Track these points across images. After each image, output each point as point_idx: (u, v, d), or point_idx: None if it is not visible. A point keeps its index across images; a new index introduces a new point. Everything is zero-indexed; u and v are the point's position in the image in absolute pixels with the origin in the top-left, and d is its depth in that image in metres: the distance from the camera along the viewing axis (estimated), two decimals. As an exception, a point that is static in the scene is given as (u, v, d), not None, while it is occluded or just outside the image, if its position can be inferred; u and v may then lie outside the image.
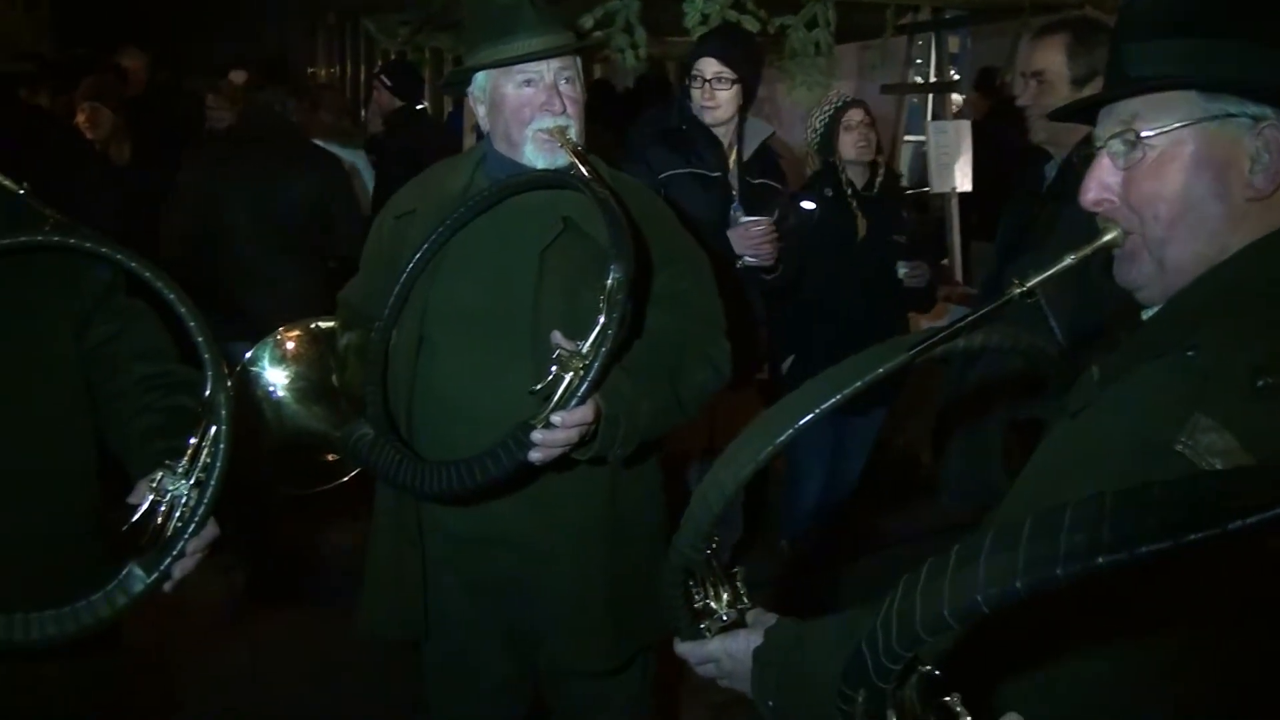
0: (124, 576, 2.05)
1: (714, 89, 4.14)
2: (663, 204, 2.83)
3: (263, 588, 5.10)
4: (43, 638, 1.99)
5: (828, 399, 1.47)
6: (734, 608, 1.78)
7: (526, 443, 2.24)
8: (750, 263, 4.08)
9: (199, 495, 2.09)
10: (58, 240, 2.15)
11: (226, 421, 2.10)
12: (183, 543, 2.07)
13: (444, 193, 2.70)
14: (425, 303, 2.60)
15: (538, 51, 2.54)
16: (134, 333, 2.43)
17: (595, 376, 2.24)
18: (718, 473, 1.55)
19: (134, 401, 2.36)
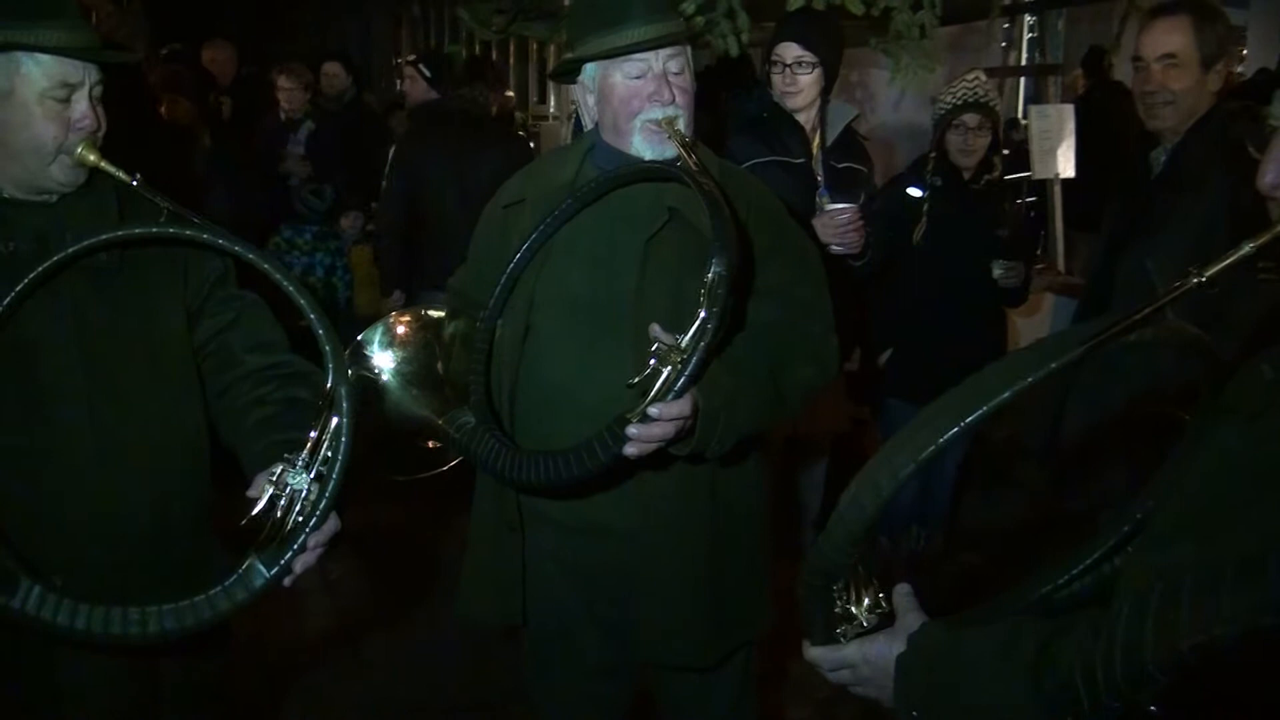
0: (244, 570, 2.05)
1: (795, 74, 4.07)
2: (773, 196, 2.78)
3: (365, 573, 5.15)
4: (160, 631, 1.99)
5: (994, 395, 1.39)
6: (874, 613, 1.71)
7: (622, 437, 2.20)
8: (836, 251, 3.99)
9: (320, 489, 2.08)
10: (174, 232, 2.16)
11: (349, 414, 2.09)
12: (304, 537, 2.06)
13: (552, 182, 2.68)
14: (531, 292, 2.59)
15: (647, 41, 2.50)
16: (246, 324, 2.44)
17: (693, 371, 2.19)
18: (874, 474, 1.48)
19: (248, 394, 2.37)
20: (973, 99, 4.64)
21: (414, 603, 4.86)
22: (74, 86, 2.16)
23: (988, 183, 4.79)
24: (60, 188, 2.22)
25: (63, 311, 2.19)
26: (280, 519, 2.07)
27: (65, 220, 2.22)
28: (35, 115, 2.13)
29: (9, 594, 1.90)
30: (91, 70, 2.19)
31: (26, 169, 2.18)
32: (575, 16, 2.71)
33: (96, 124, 2.19)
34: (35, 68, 2.11)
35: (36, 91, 2.12)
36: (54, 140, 2.14)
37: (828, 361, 2.66)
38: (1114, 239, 3.53)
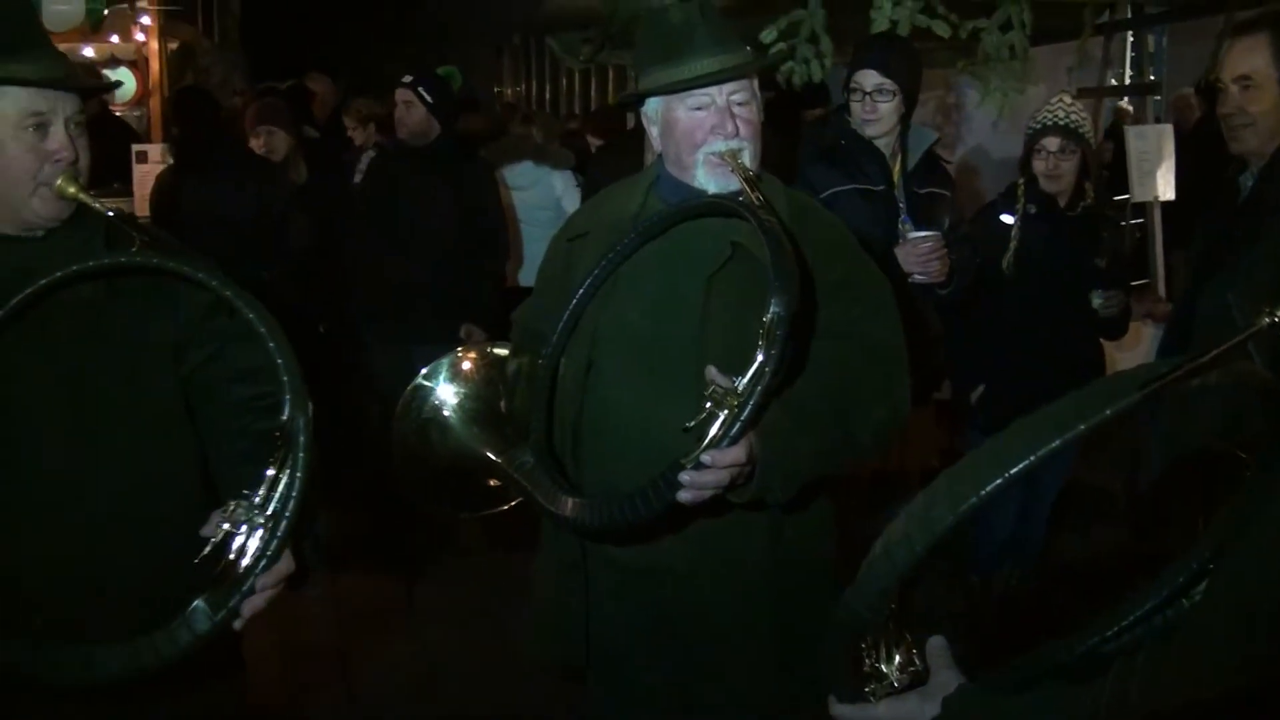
0: (189, 613, 1.96)
1: (875, 101, 4.00)
2: (844, 229, 2.71)
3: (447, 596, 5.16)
4: (104, 675, 1.92)
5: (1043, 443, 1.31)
6: (905, 672, 1.62)
7: (675, 484, 2.15)
8: (920, 279, 3.90)
9: (272, 528, 1.98)
10: (140, 261, 2.12)
11: (305, 449, 1.99)
12: (252, 579, 1.98)
13: (616, 216, 2.65)
14: (594, 328, 2.56)
15: (709, 75, 2.46)
16: (233, 354, 2.38)
17: (749, 416, 2.12)
18: (908, 527, 1.40)
19: (230, 425, 2.32)
20: (1052, 122, 4.52)
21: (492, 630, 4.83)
22: (46, 117, 2.14)
23: (1084, 209, 4.65)
24: (44, 222, 2.19)
25: (44, 344, 2.16)
26: (234, 559, 1.98)
27: (50, 254, 2.16)
28: (9, 148, 2.11)
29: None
30: (66, 101, 2.17)
31: (6, 203, 2.16)
32: (640, 49, 2.67)
33: (75, 155, 2.17)
34: (5, 101, 2.10)
35: (9, 124, 2.11)
36: (29, 173, 2.12)
37: (899, 402, 2.57)
38: (1200, 267, 3.41)
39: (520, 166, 7.05)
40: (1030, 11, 5.59)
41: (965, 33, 5.47)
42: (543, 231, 7.08)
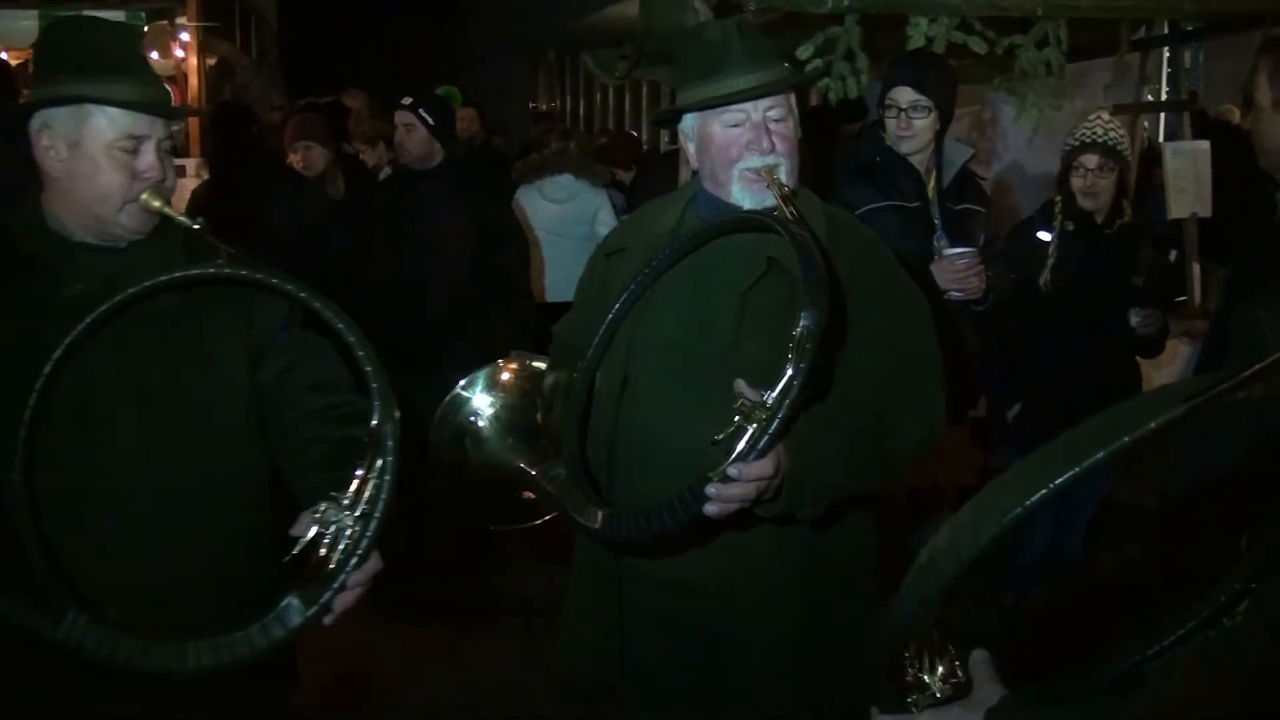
0: (282, 609, 2.05)
1: (910, 118, 4.00)
2: (881, 245, 2.71)
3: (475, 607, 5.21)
4: (197, 668, 2.00)
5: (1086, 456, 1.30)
6: (948, 683, 1.62)
7: (701, 496, 2.15)
8: (956, 297, 3.89)
9: (362, 528, 2.07)
10: (229, 273, 2.21)
11: (393, 453, 2.08)
12: (344, 576, 2.05)
13: (653, 231, 2.67)
14: (629, 342, 2.57)
15: (745, 91, 2.47)
16: (308, 365, 2.47)
17: (777, 429, 2.11)
18: (953, 537, 1.40)
19: (307, 433, 2.40)
20: (1091, 139, 4.50)
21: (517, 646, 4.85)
22: (141, 139, 2.25)
23: (1120, 227, 4.64)
24: (129, 234, 2.30)
25: (124, 351, 2.24)
26: (323, 557, 2.07)
27: (133, 264, 2.27)
28: (103, 165, 2.23)
29: (55, 623, 1.94)
30: (159, 124, 2.28)
31: (96, 216, 2.27)
32: (678, 66, 2.68)
33: (163, 175, 2.28)
34: (103, 120, 2.22)
35: (104, 143, 2.22)
36: (120, 189, 2.23)
37: (934, 418, 2.56)
38: (1234, 285, 3.40)
39: (560, 180, 7.07)
40: (1066, 28, 5.57)
41: (1001, 49, 5.45)
42: (579, 245, 7.07)
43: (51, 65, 2.24)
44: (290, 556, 2.09)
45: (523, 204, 7.10)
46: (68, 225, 2.30)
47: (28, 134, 2.26)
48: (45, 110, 2.24)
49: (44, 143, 2.25)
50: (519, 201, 7.13)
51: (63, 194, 2.27)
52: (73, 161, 2.23)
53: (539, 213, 7.08)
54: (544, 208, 7.08)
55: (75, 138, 2.22)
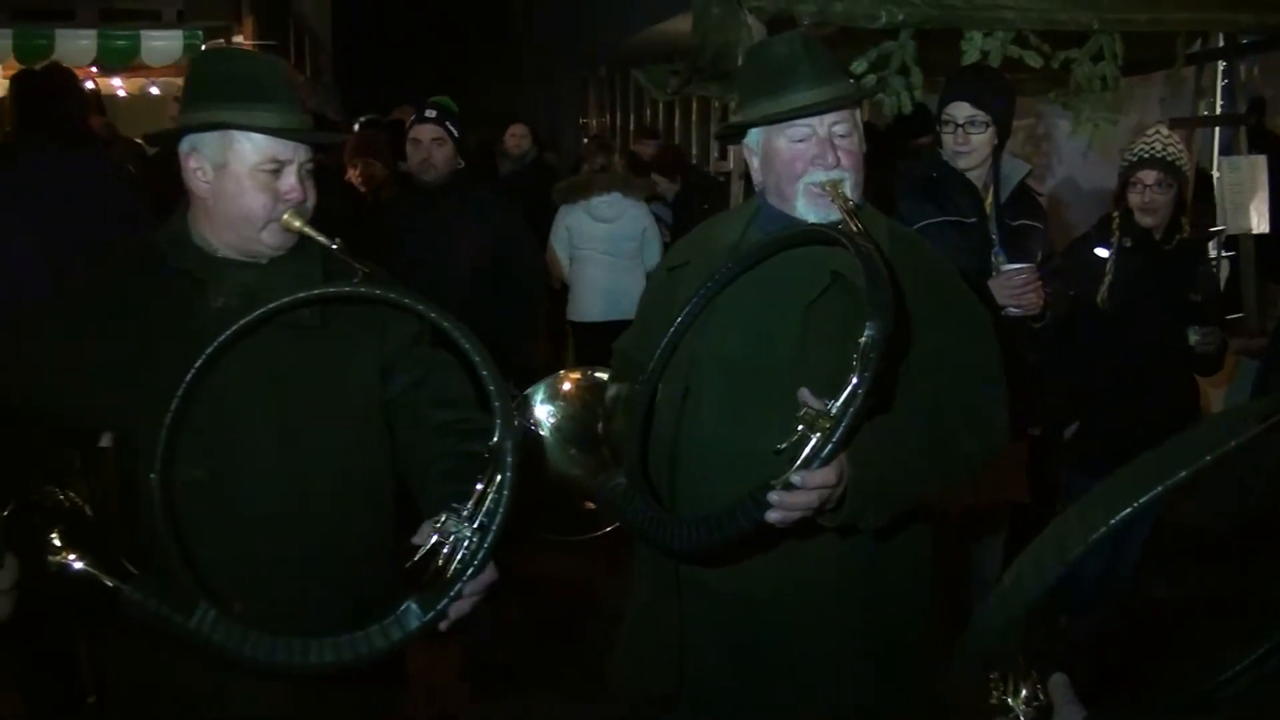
0: (401, 612, 2.13)
1: (967, 133, 3.98)
2: (944, 261, 2.72)
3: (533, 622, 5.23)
4: (319, 664, 2.08)
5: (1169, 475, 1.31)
6: (1031, 705, 1.62)
7: (764, 504, 2.17)
8: (1014, 313, 3.88)
9: (480, 539, 2.14)
10: (364, 291, 2.32)
11: (511, 469, 2.15)
12: (461, 584, 2.12)
13: (716, 246, 2.68)
14: (692, 355, 2.59)
15: (811, 106, 2.50)
16: (436, 381, 2.56)
17: (840, 438, 2.13)
18: (1038, 555, 1.40)
19: (432, 447, 2.48)
20: (1149, 155, 4.47)
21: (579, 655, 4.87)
22: (284, 163, 2.35)
23: (1179, 243, 4.59)
24: (270, 251, 2.41)
25: (263, 361, 2.34)
26: (441, 566, 2.15)
27: (273, 280, 2.39)
28: (247, 187, 2.34)
29: (186, 615, 2.04)
30: (301, 148, 2.38)
31: (239, 234, 2.38)
32: (743, 81, 2.71)
33: (303, 196, 2.39)
34: (248, 145, 2.33)
35: (249, 167, 2.33)
36: (264, 210, 2.35)
37: (996, 433, 2.57)
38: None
39: (608, 198, 7.10)
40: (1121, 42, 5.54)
41: (1056, 63, 5.43)
42: (629, 263, 7.10)
43: (200, 92, 2.36)
44: (411, 564, 2.17)
45: (568, 223, 7.15)
46: (212, 242, 2.41)
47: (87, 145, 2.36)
48: (194, 135, 2.35)
49: (192, 165, 2.36)
50: (563, 221, 7.18)
51: (208, 213, 2.39)
52: (219, 183, 2.35)
53: (585, 232, 7.12)
54: (591, 226, 7.11)
55: (221, 161, 2.33)
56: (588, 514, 2.90)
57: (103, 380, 2.32)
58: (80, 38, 8.77)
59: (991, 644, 1.50)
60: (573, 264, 7.24)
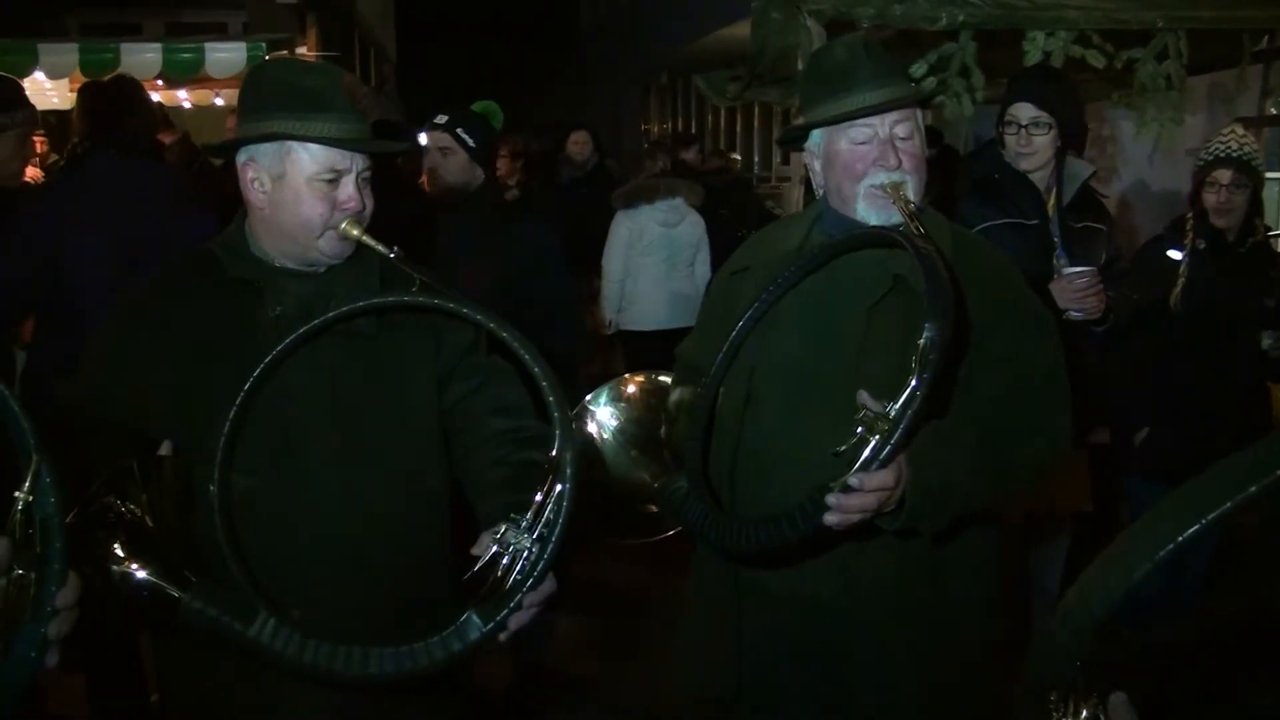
0: (462, 623, 2.11)
1: (1030, 135, 3.95)
2: (1008, 262, 2.69)
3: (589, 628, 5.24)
4: (379, 674, 2.07)
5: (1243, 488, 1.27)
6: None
7: (821, 506, 2.15)
8: (1075, 317, 3.83)
9: (539, 550, 2.13)
10: (422, 301, 2.31)
11: (571, 480, 2.14)
12: (521, 595, 2.11)
13: (778, 249, 2.67)
14: (754, 359, 2.57)
15: (872, 106, 2.48)
16: (492, 389, 2.56)
17: (899, 440, 2.11)
18: (1104, 573, 1.36)
19: (489, 455, 2.47)
20: (1225, 154, 4.37)
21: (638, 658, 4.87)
22: (341, 172, 2.35)
23: (1252, 245, 4.49)
24: (328, 260, 2.42)
25: (321, 369, 2.35)
26: (501, 576, 2.14)
27: (330, 288, 2.41)
28: (304, 197, 2.34)
29: (247, 623, 2.05)
30: (359, 157, 2.39)
31: (297, 243, 2.39)
32: (804, 84, 2.70)
33: (361, 205, 2.39)
34: (305, 155, 2.33)
35: (306, 176, 2.33)
36: (321, 219, 2.34)
37: (1058, 437, 2.54)
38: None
39: (674, 203, 7.05)
40: (1186, 40, 5.46)
41: (1120, 63, 5.36)
42: (685, 270, 7.06)
43: (257, 103, 2.37)
44: (470, 574, 2.16)
45: (629, 226, 7.11)
46: (270, 251, 2.42)
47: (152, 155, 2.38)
48: (251, 145, 2.37)
49: (250, 175, 2.38)
50: (624, 225, 7.14)
51: (266, 223, 2.40)
52: (277, 193, 2.36)
53: (646, 237, 7.08)
54: (653, 232, 7.07)
55: (279, 171, 2.34)
56: (648, 517, 2.89)
57: (161, 389, 2.34)
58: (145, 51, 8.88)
59: (1056, 666, 1.47)
60: (629, 272, 7.20)
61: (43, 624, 1.64)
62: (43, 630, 1.64)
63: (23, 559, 1.62)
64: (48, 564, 1.64)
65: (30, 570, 1.63)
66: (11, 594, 1.62)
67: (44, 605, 1.64)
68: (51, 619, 1.65)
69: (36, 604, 1.64)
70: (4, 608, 1.62)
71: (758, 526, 2.30)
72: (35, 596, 1.64)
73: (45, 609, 1.64)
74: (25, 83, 4.98)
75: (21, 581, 1.63)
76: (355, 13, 17.27)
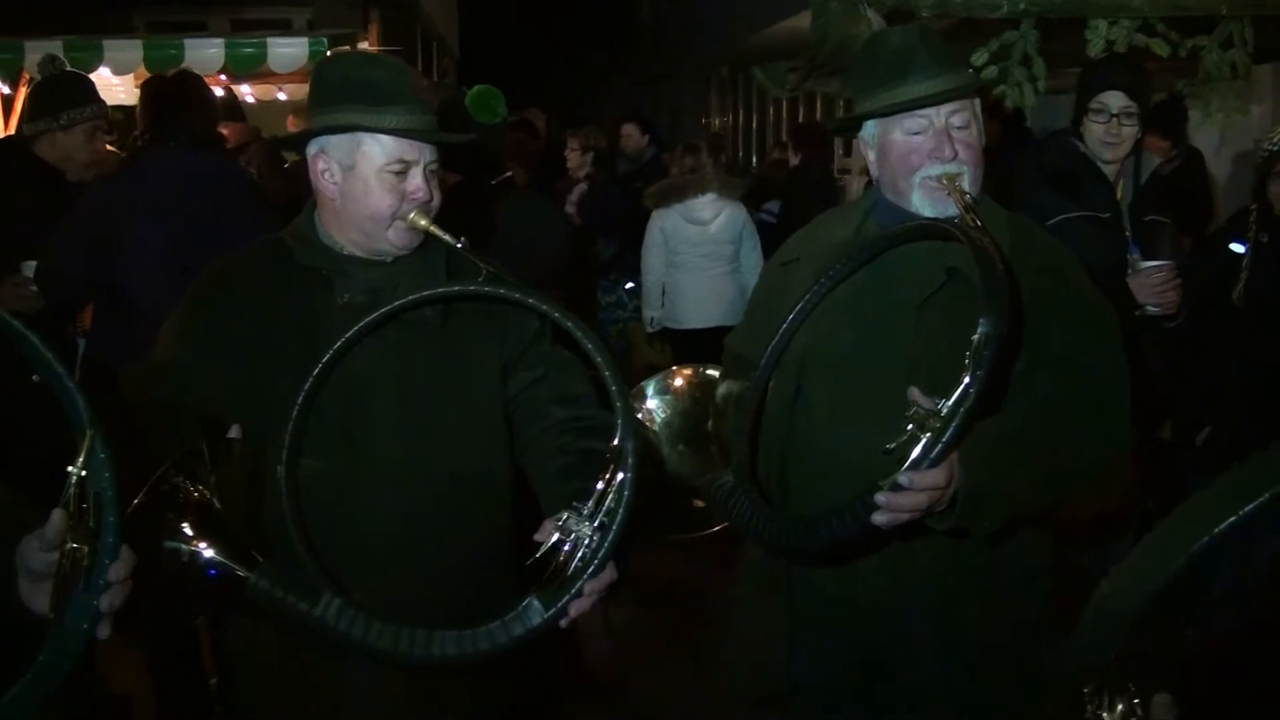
0: (523, 608, 2.15)
1: (1121, 124, 3.89)
2: (1069, 257, 2.64)
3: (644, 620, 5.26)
4: (442, 656, 2.12)
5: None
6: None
7: (871, 505, 2.13)
8: (1153, 312, 3.77)
9: (600, 538, 2.15)
10: (488, 290, 2.36)
11: (633, 470, 2.15)
12: (582, 583, 2.13)
13: (829, 242, 2.66)
14: (803, 352, 2.56)
15: (928, 97, 2.46)
16: (556, 379, 2.59)
17: (950, 438, 2.09)
18: (1140, 562, 1.34)
19: (552, 443, 2.50)
20: None
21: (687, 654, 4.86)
22: (410, 163, 2.41)
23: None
24: (395, 249, 2.47)
25: (388, 357, 2.40)
26: (563, 563, 2.16)
27: (397, 277, 2.46)
28: (374, 187, 2.40)
29: (312, 603, 2.11)
30: (427, 149, 2.44)
31: (365, 233, 2.44)
32: (857, 73, 2.68)
33: (429, 196, 2.44)
34: (375, 146, 2.39)
35: (375, 167, 2.39)
36: (390, 209, 2.40)
37: (1118, 434, 2.49)
38: None
39: (705, 199, 6.98)
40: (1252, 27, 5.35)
41: (1185, 51, 5.26)
42: (725, 267, 7.01)
43: (327, 96, 2.43)
44: (531, 560, 2.19)
45: (662, 226, 7.07)
46: (338, 240, 2.48)
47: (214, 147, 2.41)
48: (322, 137, 2.43)
49: (319, 166, 2.44)
50: (657, 225, 7.10)
51: (335, 213, 2.46)
52: (346, 184, 2.41)
53: (682, 235, 7.03)
54: (688, 230, 7.02)
55: (349, 162, 2.40)
56: (695, 512, 2.89)
57: (231, 374, 2.41)
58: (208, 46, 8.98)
59: (1088, 658, 1.44)
60: (669, 270, 7.16)
61: (95, 595, 1.68)
62: (94, 602, 1.68)
63: (77, 533, 1.66)
64: (101, 537, 1.68)
65: (85, 544, 1.67)
66: (66, 567, 1.67)
67: (97, 577, 1.68)
68: (104, 591, 1.69)
69: (89, 576, 1.68)
70: (59, 581, 1.67)
71: (806, 523, 2.30)
72: (88, 568, 1.67)
73: (98, 581, 1.68)
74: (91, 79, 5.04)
75: (76, 555, 1.67)
76: (419, 7, 17.37)
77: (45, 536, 1.66)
